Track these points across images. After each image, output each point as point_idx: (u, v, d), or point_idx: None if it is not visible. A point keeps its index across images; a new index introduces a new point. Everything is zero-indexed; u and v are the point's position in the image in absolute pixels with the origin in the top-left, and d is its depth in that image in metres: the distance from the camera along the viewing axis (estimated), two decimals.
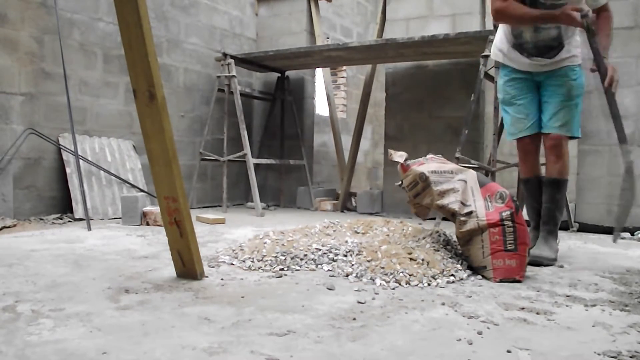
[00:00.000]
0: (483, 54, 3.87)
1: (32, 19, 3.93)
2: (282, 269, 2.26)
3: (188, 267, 2.06)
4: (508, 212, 2.21)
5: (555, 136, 2.63)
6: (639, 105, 3.88)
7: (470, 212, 2.25)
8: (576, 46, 2.65)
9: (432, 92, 4.92)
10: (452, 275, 2.15)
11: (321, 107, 7.04)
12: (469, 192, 2.33)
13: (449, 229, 2.84)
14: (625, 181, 2.42)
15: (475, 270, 2.27)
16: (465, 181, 2.35)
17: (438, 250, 2.36)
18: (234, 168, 5.70)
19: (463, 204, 2.29)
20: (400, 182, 2.59)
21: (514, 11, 2.51)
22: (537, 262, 2.48)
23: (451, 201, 2.30)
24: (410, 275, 2.07)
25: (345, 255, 2.36)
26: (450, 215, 2.36)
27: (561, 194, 2.67)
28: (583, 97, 2.70)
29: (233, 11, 5.87)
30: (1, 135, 3.78)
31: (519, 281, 2.14)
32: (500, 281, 2.14)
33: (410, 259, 2.19)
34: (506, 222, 2.20)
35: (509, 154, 5.40)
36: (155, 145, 1.97)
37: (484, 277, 2.21)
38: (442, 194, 2.34)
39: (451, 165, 2.46)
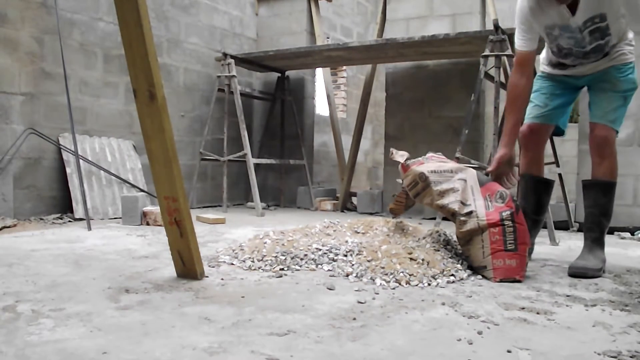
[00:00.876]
0: (483, 54, 3.87)
1: (32, 19, 3.93)
2: (282, 269, 2.26)
3: (188, 267, 2.06)
4: (508, 212, 2.20)
5: (600, 128, 2.38)
6: (639, 105, 3.88)
7: (470, 212, 2.25)
8: (624, 47, 2.43)
9: (432, 92, 4.92)
10: (452, 275, 2.15)
11: (321, 107, 7.04)
12: (469, 191, 2.32)
13: (449, 229, 2.84)
14: None
15: (476, 270, 2.27)
16: (465, 180, 2.34)
17: (438, 250, 2.36)
18: (234, 168, 5.70)
19: (463, 203, 2.28)
20: (401, 181, 2.59)
21: (508, 93, 2.53)
22: (581, 274, 2.27)
23: (451, 201, 2.30)
24: (410, 275, 2.07)
25: (346, 255, 2.36)
26: (450, 215, 2.35)
27: (607, 197, 2.42)
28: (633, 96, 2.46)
29: (233, 11, 5.87)
30: (1, 135, 3.78)
31: (519, 281, 2.13)
32: (500, 281, 2.14)
33: (411, 258, 2.19)
34: (506, 222, 2.19)
35: None
36: (155, 145, 1.97)
37: (484, 277, 2.21)
38: (442, 193, 2.34)
39: (451, 164, 2.46)
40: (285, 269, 2.27)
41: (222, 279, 2.07)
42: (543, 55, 2.65)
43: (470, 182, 2.34)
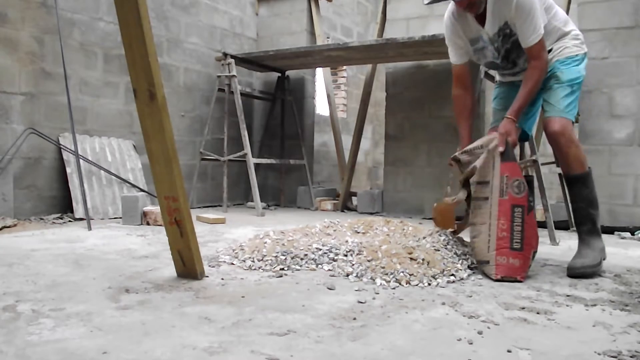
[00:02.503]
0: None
1: (32, 19, 3.93)
2: (282, 269, 2.26)
3: (188, 267, 2.06)
4: (520, 209, 2.15)
5: (553, 121, 2.34)
6: (639, 105, 3.88)
7: (487, 182, 2.22)
8: (567, 42, 2.47)
9: (432, 91, 4.92)
10: (453, 275, 2.15)
11: (321, 107, 7.04)
12: (490, 165, 2.25)
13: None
14: None
15: (478, 264, 2.27)
16: (489, 150, 2.26)
17: (438, 250, 2.35)
18: (234, 168, 5.70)
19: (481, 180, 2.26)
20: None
21: (454, 107, 2.62)
22: (581, 274, 2.23)
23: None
24: (410, 275, 2.07)
25: (346, 255, 2.36)
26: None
27: (587, 188, 2.37)
28: (581, 89, 2.46)
29: (233, 11, 5.87)
30: (1, 134, 3.78)
31: (519, 281, 2.13)
32: (501, 279, 2.13)
33: (411, 258, 2.19)
34: (516, 219, 2.13)
35: None
36: (155, 144, 1.97)
37: (484, 273, 2.20)
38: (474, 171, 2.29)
39: (483, 139, 2.37)
40: (286, 268, 2.27)
41: (222, 279, 2.07)
42: None
43: (493, 153, 2.25)
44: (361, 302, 1.76)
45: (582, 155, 2.36)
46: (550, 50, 2.42)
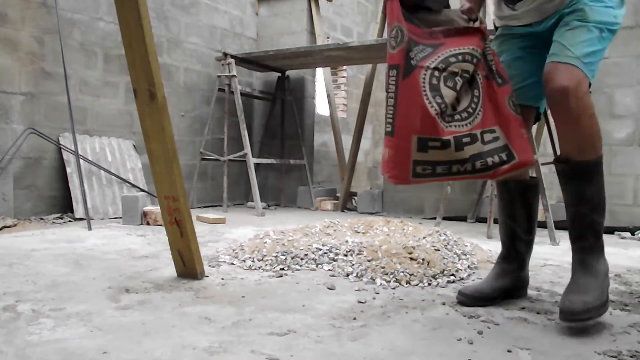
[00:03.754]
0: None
1: (32, 19, 3.93)
2: (282, 269, 2.26)
3: (188, 267, 2.06)
4: (394, 71, 1.46)
5: (561, 71, 1.52)
6: (639, 105, 3.88)
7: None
8: None
9: None
10: (453, 274, 2.15)
11: (321, 107, 7.04)
12: None
13: (450, 229, 2.84)
14: None
15: None
16: None
17: (438, 250, 2.36)
18: (235, 168, 5.70)
19: None
20: None
21: None
22: (584, 321, 1.48)
23: None
24: (410, 274, 2.07)
25: (346, 255, 2.36)
26: None
27: (595, 184, 1.59)
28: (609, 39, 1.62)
29: (233, 11, 5.87)
30: (1, 134, 3.78)
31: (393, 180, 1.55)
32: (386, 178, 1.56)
33: (411, 258, 2.20)
34: (390, 87, 1.46)
35: None
36: (155, 144, 1.97)
37: None
38: None
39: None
40: (286, 268, 2.27)
41: (222, 279, 2.07)
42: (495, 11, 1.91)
43: None
44: (361, 302, 1.76)
45: (597, 131, 1.55)
46: None
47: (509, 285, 1.83)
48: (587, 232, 1.62)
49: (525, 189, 1.84)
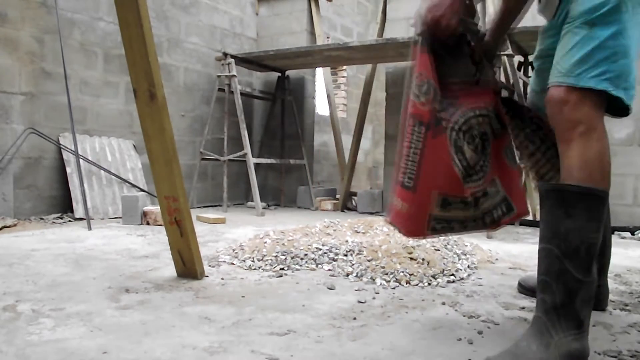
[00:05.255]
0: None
1: (32, 19, 3.93)
2: (282, 269, 2.26)
3: (188, 267, 2.07)
4: (420, 126, 1.40)
5: (552, 91, 1.30)
6: (639, 105, 3.88)
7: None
8: None
9: None
10: (453, 274, 2.15)
11: (321, 107, 7.04)
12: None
13: None
14: None
15: None
16: None
17: (438, 250, 2.36)
18: (235, 167, 5.70)
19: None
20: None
21: None
22: None
23: None
24: (410, 274, 2.07)
25: (346, 255, 2.36)
26: None
27: (572, 220, 1.21)
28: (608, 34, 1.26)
29: (233, 11, 5.87)
30: (2, 134, 3.78)
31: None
32: (392, 225, 1.49)
33: (411, 258, 2.20)
34: (414, 141, 1.39)
35: None
36: (155, 144, 1.97)
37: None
38: None
39: None
40: (286, 268, 2.27)
41: (222, 279, 2.07)
42: None
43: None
44: (361, 302, 1.76)
45: (598, 155, 1.24)
46: None
47: None
48: (552, 283, 1.22)
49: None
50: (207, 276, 2.11)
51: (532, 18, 2.05)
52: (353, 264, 2.23)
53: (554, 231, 1.24)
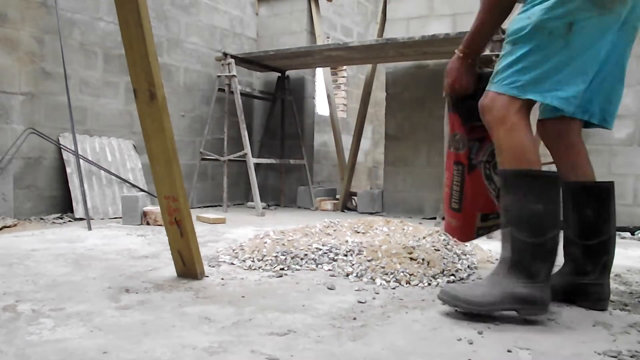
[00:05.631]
0: (483, 53, 3.87)
1: (32, 19, 3.93)
2: (282, 269, 2.26)
3: (188, 267, 2.06)
4: (460, 167, 1.87)
5: (483, 97, 1.68)
6: (639, 105, 3.88)
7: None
8: None
9: (432, 91, 4.92)
10: (453, 274, 2.15)
11: (321, 107, 7.04)
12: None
13: None
14: None
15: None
16: None
17: (438, 250, 2.36)
18: (234, 168, 5.70)
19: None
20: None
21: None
22: (448, 301, 1.63)
23: None
24: (410, 274, 2.07)
25: (346, 255, 2.36)
26: None
27: (511, 196, 1.59)
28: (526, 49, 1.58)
29: (233, 11, 5.87)
30: (1, 134, 3.78)
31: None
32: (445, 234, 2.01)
33: (411, 258, 2.19)
34: (456, 177, 1.88)
35: None
36: (155, 144, 1.97)
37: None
38: None
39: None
40: (286, 268, 2.27)
41: (222, 279, 2.07)
42: None
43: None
44: (361, 302, 1.76)
45: (513, 146, 1.59)
46: None
47: (558, 285, 1.74)
48: (504, 243, 1.61)
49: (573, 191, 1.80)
50: (207, 276, 2.11)
51: None
52: (353, 264, 2.23)
53: (502, 205, 1.63)
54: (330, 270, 2.25)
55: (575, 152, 1.82)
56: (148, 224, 3.78)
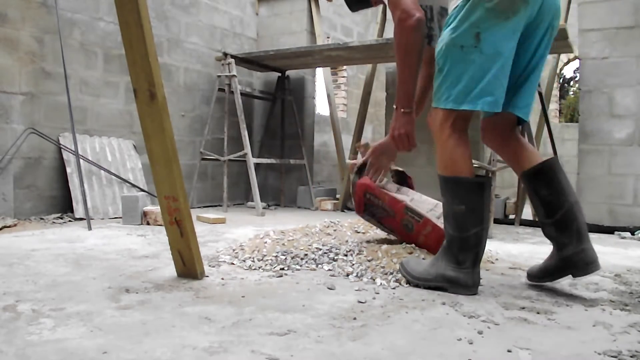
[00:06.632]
0: None
1: (32, 19, 3.93)
2: (282, 269, 2.26)
3: (188, 267, 2.06)
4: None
5: (430, 112, 1.95)
6: (639, 105, 3.88)
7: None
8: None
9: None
10: None
11: (321, 107, 7.04)
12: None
13: None
14: None
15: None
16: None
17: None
18: (235, 167, 5.70)
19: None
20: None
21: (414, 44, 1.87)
22: (404, 276, 2.02)
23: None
24: None
25: (346, 255, 2.36)
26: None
27: (444, 196, 1.90)
28: (455, 64, 1.79)
29: (233, 11, 5.87)
30: (2, 134, 3.78)
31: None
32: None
33: None
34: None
35: None
36: (155, 144, 1.97)
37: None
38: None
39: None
40: (286, 268, 2.27)
41: (222, 279, 2.07)
42: None
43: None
44: (361, 302, 1.76)
45: (447, 153, 1.86)
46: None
47: (550, 266, 1.95)
48: (446, 232, 1.92)
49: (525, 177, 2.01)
50: (207, 276, 2.11)
51: None
52: (353, 264, 2.23)
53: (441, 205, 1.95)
54: (330, 270, 2.25)
55: (515, 143, 2.02)
56: (148, 223, 3.78)
